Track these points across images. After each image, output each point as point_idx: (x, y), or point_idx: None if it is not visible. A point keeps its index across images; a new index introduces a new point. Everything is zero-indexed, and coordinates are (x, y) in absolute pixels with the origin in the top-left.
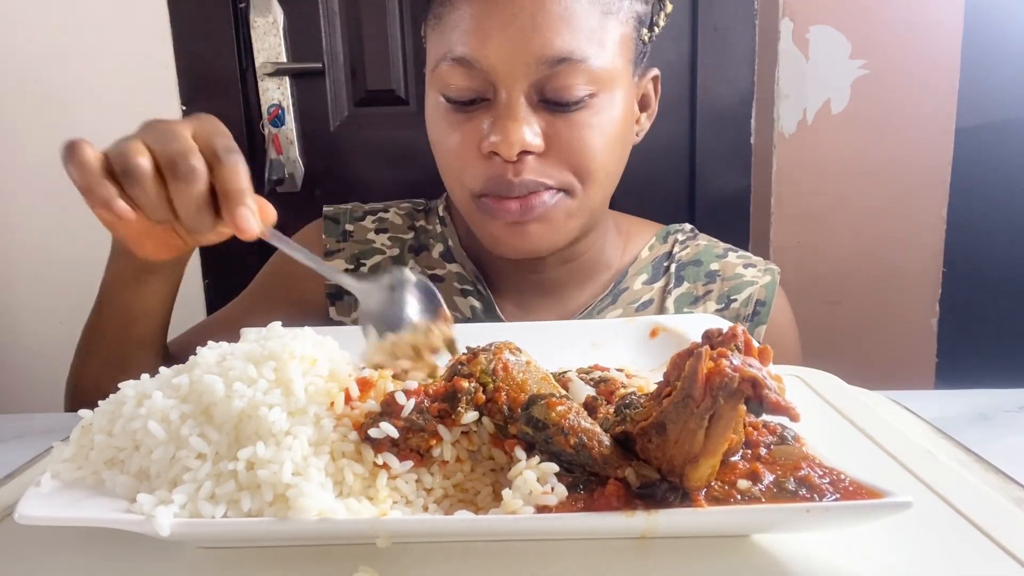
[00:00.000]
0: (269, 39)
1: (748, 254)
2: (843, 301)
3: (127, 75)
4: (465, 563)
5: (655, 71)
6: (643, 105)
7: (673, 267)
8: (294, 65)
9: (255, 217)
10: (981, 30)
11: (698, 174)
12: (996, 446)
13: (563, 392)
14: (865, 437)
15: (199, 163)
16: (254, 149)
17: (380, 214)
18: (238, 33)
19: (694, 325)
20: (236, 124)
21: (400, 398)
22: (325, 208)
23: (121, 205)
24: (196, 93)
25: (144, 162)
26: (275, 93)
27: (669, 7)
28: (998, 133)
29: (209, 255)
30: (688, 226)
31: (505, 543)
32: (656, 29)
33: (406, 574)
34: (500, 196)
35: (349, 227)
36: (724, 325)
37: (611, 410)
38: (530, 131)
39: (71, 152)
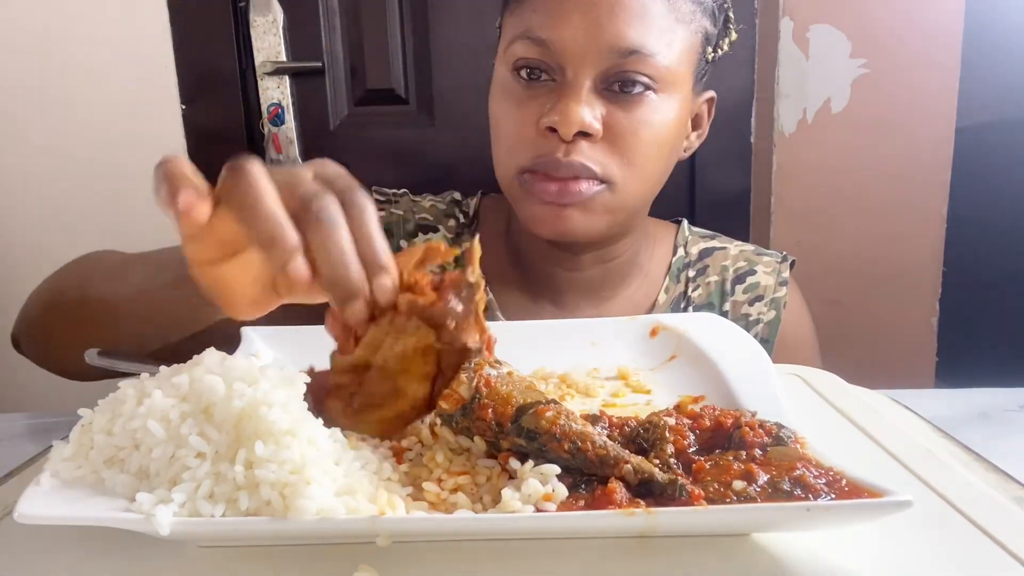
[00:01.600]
0: (269, 38)
1: (761, 249)
2: (843, 300)
3: (127, 74)
4: (465, 563)
5: (712, 93)
6: (695, 124)
7: (691, 273)
8: (294, 64)
9: (394, 284)
10: (981, 30)
11: (698, 174)
12: (996, 445)
13: (549, 397)
14: (865, 436)
15: (337, 207)
16: (254, 148)
17: (421, 213)
18: (237, 32)
19: (694, 324)
20: (236, 123)
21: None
22: (375, 193)
23: (187, 196)
24: (196, 92)
25: (264, 176)
26: (275, 92)
27: (734, 35)
28: (998, 133)
29: None
30: (697, 229)
31: (505, 543)
32: (720, 51)
33: (406, 573)
34: (545, 174)
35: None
36: (725, 324)
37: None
38: (591, 113)
39: (161, 164)
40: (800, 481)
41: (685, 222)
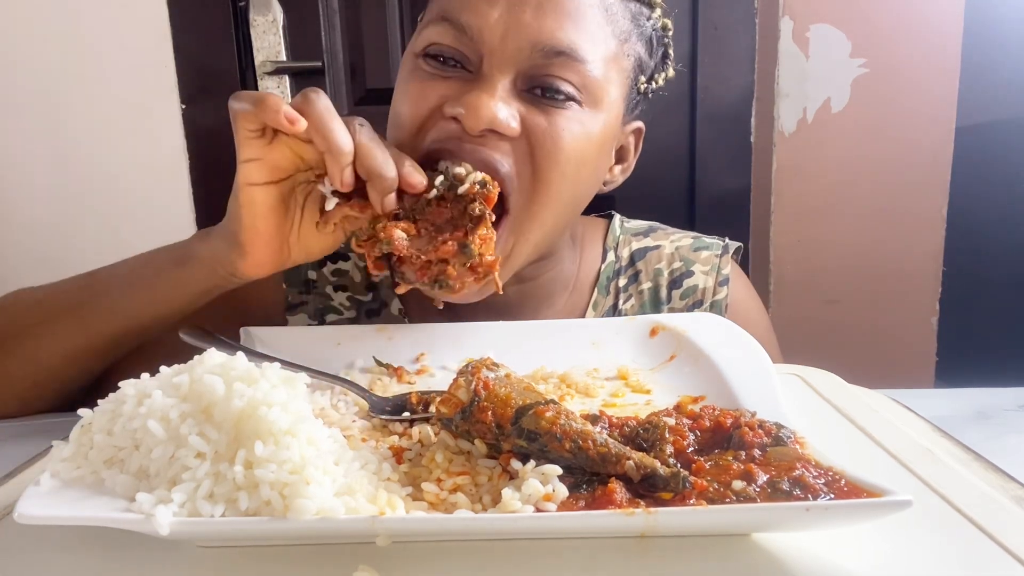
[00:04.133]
0: (269, 37)
1: (700, 240)
2: (843, 300)
3: (127, 74)
4: (465, 563)
5: (640, 124)
6: (621, 156)
7: (622, 281)
8: (294, 64)
9: (419, 171)
10: (981, 30)
11: (698, 173)
12: (996, 445)
13: (547, 398)
14: (865, 436)
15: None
16: None
17: (340, 263)
18: (238, 32)
19: (694, 324)
20: None
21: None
22: None
23: (289, 110)
24: (196, 92)
25: (321, 97)
26: (275, 92)
27: (671, 72)
28: (998, 133)
29: None
30: (632, 223)
31: (505, 543)
32: (654, 84)
33: (406, 573)
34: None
35: (311, 275)
36: (725, 324)
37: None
38: (506, 110)
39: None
40: (799, 481)
41: (616, 218)
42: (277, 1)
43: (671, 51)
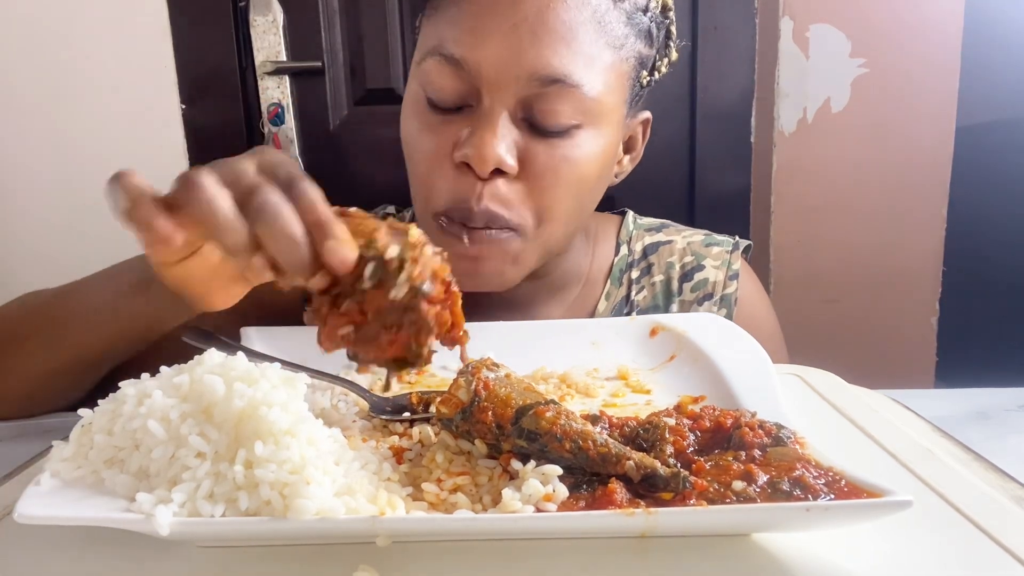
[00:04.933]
0: (269, 38)
1: (711, 237)
2: (843, 300)
3: (127, 74)
4: (465, 563)
5: (647, 114)
6: (629, 147)
7: (635, 274)
8: (294, 64)
9: (349, 245)
10: (981, 30)
11: (698, 173)
12: (996, 445)
13: (547, 398)
14: (865, 436)
15: (277, 196)
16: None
17: None
18: (238, 32)
19: (694, 324)
20: (236, 123)
21: None
22: None
23: (162, 223)
24: (196, 92)
25: (212, 182)
26: (275, 92)
27: (674, 55)
28: (998, 132)
29: None
30: (645, 219)
31: (505, 543)
32: (657, 75)
33: (406, 573)
34: (460, 222)
35: None
36: (724, 324)
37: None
38: (505, 147)
39: (115, 178)
40: (799, 481)
41: (630, 214)
42: (277, 1)
43: (673, 29)
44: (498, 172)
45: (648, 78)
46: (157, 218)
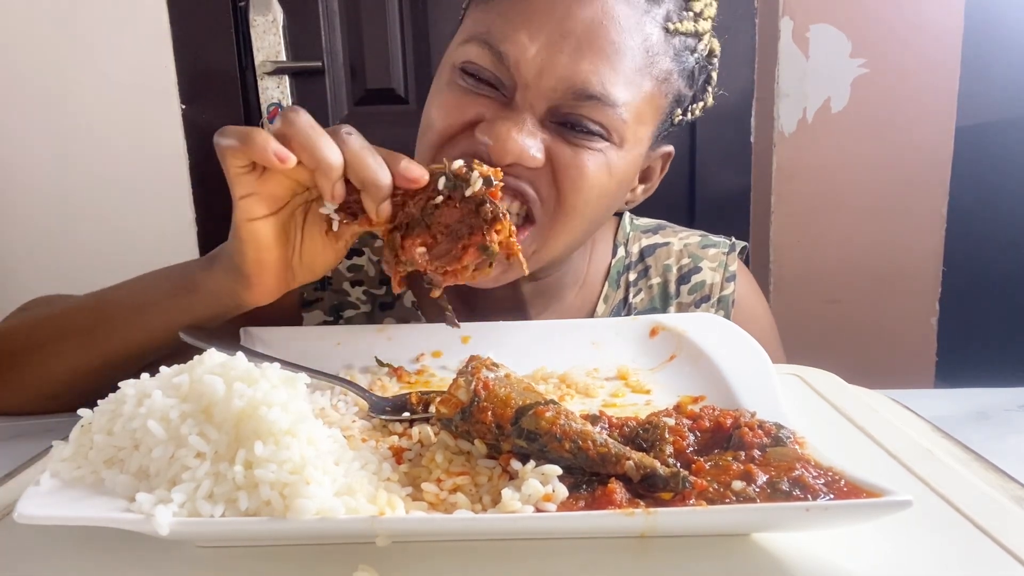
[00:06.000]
0: (269, 38)
1: (707, 239)
2: (843, 300)
3: (127, 74)
4: (465, 563)
5: (670, 148)
6: (645, 177)
7: (632, 276)
8: (294, 64)
9: (419, 165)
10: (981, 30)
11: (698, 173)
12: (996, 445)
13: (547, 398)
14: (865, 436)
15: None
16: None
17: (355, 258)
18: (238, 32)
19: (694, 324)
20: (235, 123)
21: None
22: None
23: (278, 147)
24: (196, 92)
25: (307, 117)
26: (275, 92)
27: (710, 101)
28: (998, 133)
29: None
30: (641, 220)
31: (505, 543)
32: (690, 115)
33: (406, 573)
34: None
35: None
36: (724, 324)
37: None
38: (532, 144)
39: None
40: (799, 481)
41: (627, 215)
42: (277, 1)
43: (714, 75)
44: (516, 166)
45: (681, 117)
46: (273, 141)
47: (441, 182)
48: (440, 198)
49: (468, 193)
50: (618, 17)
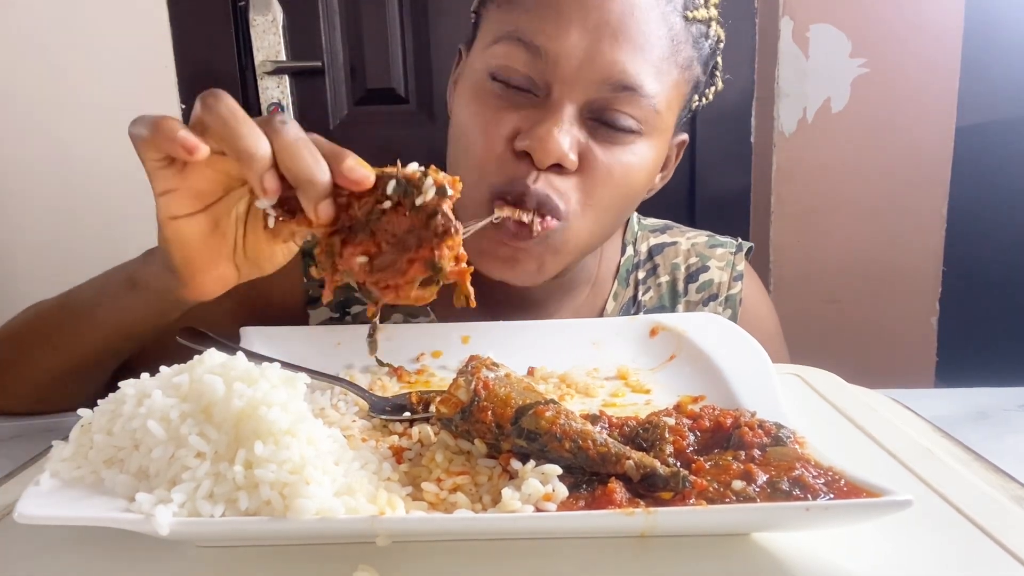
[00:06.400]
0: (268, 37)
1: (714, 239)
2: (843, 300)
3: (127, 74)
4: (465, 563)
5: (684, 136)
6: (663, 165)
7: (641, 274)
8: (294, 63)
9: (366, 167)
10: (981, 30)
11: (698, 173)
12: (996, 445)
13: (547, 398)
14: (865, 436)
15: (294, 123)
16: None
17: None
18: (237, 31)
19: (694, 324)
20: None
21: None
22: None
23: (186, 136)
24: (196, 92)
25: (232, 102)
26: (275, 91)
27: (720, 84)
28: (998, 132)
29: None
30: (648, 220)
31: (505, 542)
32: (704, 101)
33: (406, 573)
34: (513, 205)
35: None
36: (724, 324)
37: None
38: (570, 142)
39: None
40: (799, 481)
41: (634, 215)
42: (277, 1)
43: (719, 60)
44: (556, 166)
45: (697, 103)
46: (181, 130)
47: (391, 186)
48: (388, 204)
49: (419, 202)
50: (646, 7)
